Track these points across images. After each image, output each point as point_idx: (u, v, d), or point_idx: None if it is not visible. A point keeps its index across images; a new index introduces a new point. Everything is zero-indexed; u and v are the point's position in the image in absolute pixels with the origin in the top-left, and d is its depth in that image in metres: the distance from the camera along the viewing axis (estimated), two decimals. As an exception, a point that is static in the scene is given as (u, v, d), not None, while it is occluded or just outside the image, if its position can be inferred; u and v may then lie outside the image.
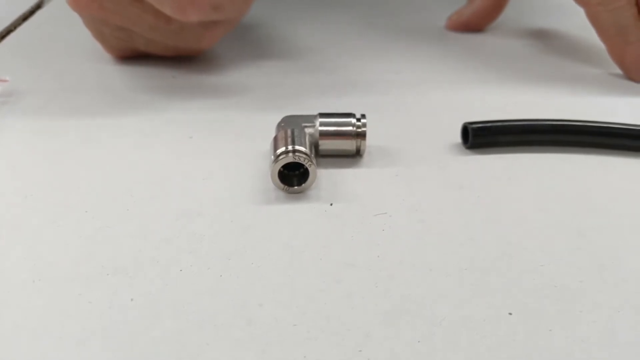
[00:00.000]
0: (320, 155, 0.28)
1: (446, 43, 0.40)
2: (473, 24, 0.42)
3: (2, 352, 0.20)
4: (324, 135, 0.28)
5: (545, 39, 0.41)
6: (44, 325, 0.21)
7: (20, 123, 0.32)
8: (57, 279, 0.22)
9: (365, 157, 0.29)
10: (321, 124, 0.28)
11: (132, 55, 0.36)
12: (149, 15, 0.31)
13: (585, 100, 0.33)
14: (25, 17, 0.44)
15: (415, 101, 0.33)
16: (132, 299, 0.22)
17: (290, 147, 0.26)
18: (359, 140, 0.28)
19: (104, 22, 0.33)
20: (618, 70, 0.37)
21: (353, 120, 0.28)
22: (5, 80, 0.34)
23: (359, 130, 0.28)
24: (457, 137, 0.30)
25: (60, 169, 0.28)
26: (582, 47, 0.40)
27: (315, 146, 0.28)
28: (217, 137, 0.30)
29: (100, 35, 0.35)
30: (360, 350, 0.20)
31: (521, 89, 0.35)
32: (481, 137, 0.29)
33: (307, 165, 0.26)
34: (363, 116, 0.28)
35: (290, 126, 0.27)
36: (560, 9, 0.46)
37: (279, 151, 0.26)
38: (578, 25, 0.41)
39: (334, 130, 0.28)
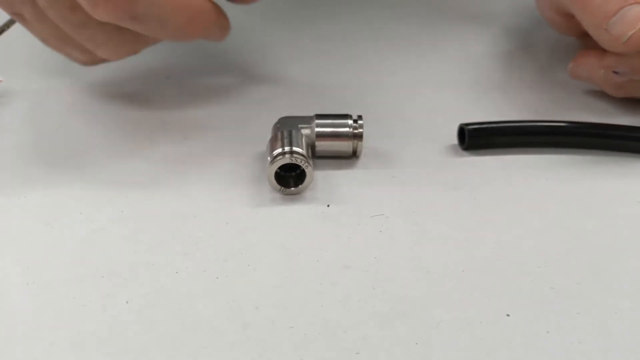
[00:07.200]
0: (317, 157, 0.28)
1: (442, 44, 0.40)
2: None
3: (-5, 356, 0.20)
4: (321, 136, 0.28)
5: (541, 44, 0.41)
6: (37, 329, 0.21)
7: (13, 123, 0.31)
8: (51, 282, 0.22)
9: (362, 158, 0.29)
10: (318, 125, 0.28)
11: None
12: None
13: (581, 102, 0.33)
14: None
15: (412, 102, 0.33)
16: (127, 302, 0.21)
17: (287, 149, 0.25)
18: (355, 141, 0.28)
19: None
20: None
21: (350, 122, 0.28)
22: (-1, 81, 0.33)
23: (356, 131, 0.28)
24: (454, 139, 0.30)
25: (54, 170, 0.28)
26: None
27: (311, 147, 0.28)
28: (213, 138, 0.30)
29: None
30: (357, 353, 0.20)
31: (519, 90, 0.34)
32: (477, 138, 0.29)
33: (303, 167, 0.26)
34: (360, 117, 0.28)
35: (286, 127, 0.27)
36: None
37: (275, 152, 0.26)
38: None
39: (331, 132, 0.28)
